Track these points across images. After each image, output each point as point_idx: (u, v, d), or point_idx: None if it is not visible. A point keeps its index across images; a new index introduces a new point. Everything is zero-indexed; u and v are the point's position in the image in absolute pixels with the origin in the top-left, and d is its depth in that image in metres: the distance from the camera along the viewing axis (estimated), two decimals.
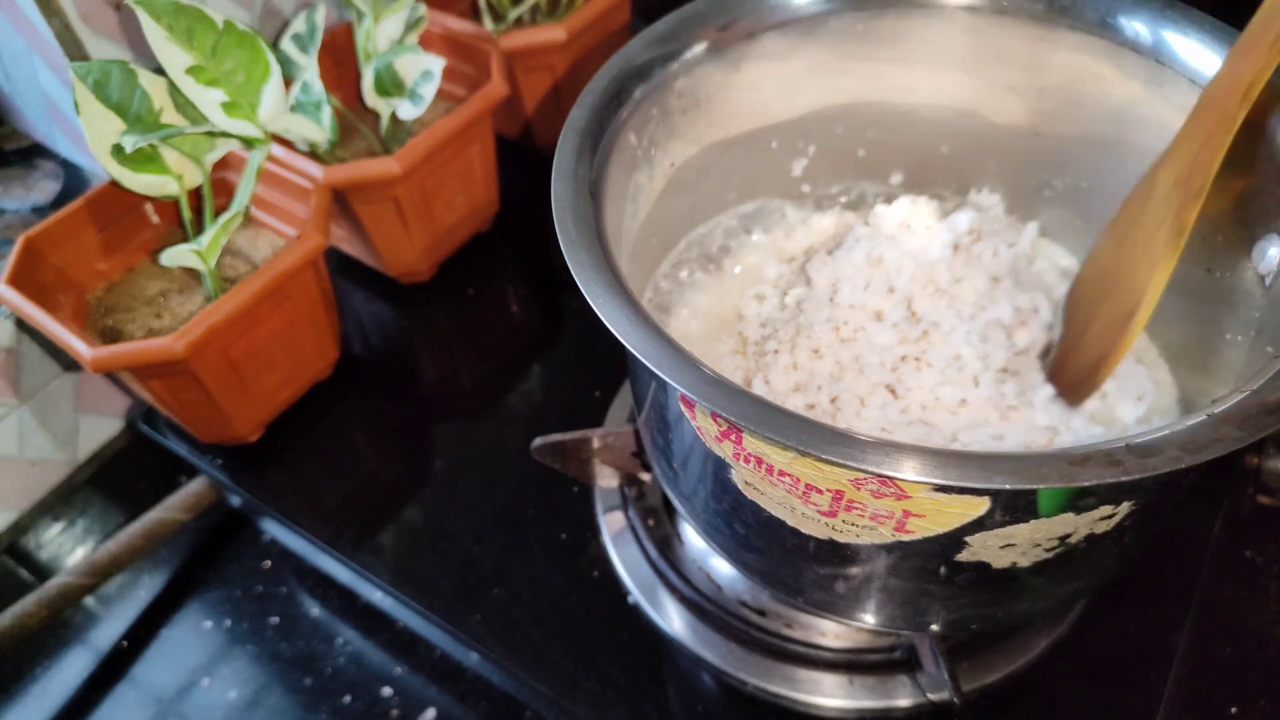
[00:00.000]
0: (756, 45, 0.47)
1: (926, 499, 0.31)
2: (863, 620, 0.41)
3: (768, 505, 0.36)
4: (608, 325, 0.33)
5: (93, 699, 0.53)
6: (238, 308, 0.51)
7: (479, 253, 0.69)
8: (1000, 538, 0.33)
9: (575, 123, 0.41)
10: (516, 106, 0.71)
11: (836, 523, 0.34)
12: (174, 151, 0.53)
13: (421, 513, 0.56)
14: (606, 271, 0.35)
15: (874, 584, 0.38)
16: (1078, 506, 0.32)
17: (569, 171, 0.39)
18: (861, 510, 0.33)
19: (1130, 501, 0.33)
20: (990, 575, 0.35)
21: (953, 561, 0.34)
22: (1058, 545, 0.34)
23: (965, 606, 0.38)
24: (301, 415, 0.60)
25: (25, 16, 0.54)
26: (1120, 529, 0.34)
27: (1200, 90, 0.40)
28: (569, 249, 0.36)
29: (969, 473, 0.29)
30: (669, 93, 0.45)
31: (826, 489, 0.33)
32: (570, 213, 0.37)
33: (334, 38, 0.65)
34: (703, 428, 0.36)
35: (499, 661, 0.49)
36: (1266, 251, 0.39)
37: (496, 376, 0.63)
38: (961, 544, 0.33)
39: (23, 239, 0.52)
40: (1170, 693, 0.46)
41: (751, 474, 0.35)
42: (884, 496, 0.32)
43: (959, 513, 0.32)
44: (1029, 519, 0.32)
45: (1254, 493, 0.52)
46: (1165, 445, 0.29)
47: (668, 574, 0.51)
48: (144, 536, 0.56)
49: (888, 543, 0.34)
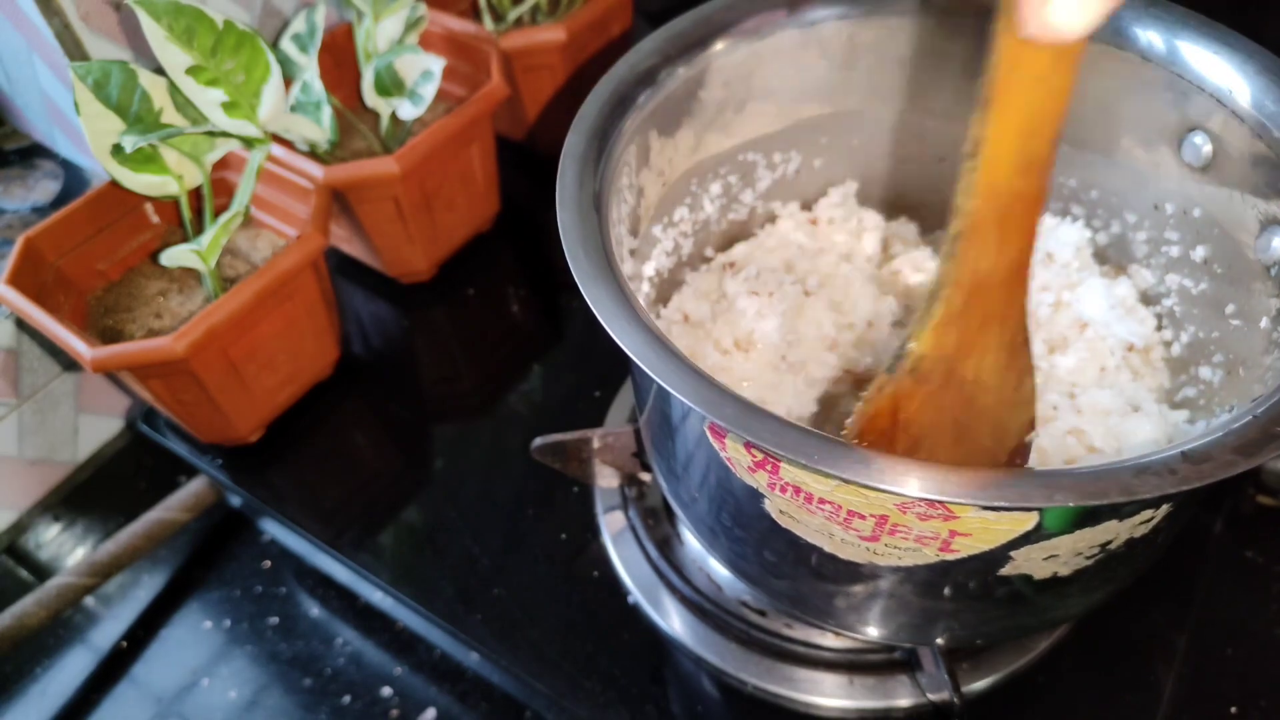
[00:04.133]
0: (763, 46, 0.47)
1: (975, 518, 0.31)
2: (884, 636, 0.40)
3: (803, 533, 0.35)
4: (638, 362, 0.32)
5: (93, 699, 0.53)
6: (238, 308, 0.51)
7: (479, 253, 0.69)
8: (1044, 550, 0.33)
9: (573, 149, 0.40)
10: (517, 107, 0.71)
11: (878, 547, 0.34)
12: (174, 151, 0.53)
13: (421, 513, 0.56)
14: (627, 304, 0.34)
15: (909, 604, 0.37)
16: (1121, 513, 0.32)
17: (573, 198, 0.38)
18: (906, 533, 0.32)
19: (1170, 505, 0.33)
20: (1031, 586, 0.35)
21: (995, 575, 0.34)
22: (1099, 552, 0.34)
23: (1000, 618, 0.38)
24: (301, 415, 0.60)
25: (25, 16, 0.54)
26: (1156, 530, 0.34)
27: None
28: (591, 294, 0.35)
29: (1030, 493, 0.28)
30: (674, 98, 0.45)
31: (870, 514, 0.32)
32: (581, 245, 0.36)
33: (334, 38, 0.65)
34: (734, 459, 0.35)
35: (499, 661, 0.49)
36: (1270, 243, 0.39)
37: (496, 376, 0.63)
38: (1006, 559, 0.33)
39: (23, 239, 0.52)
40: (1171, 692, 0.46)
41: (788, 503, 0.34)
42: (930, 519, 0.31)
43: (1007, 529, 0.31)
44: (1074, 529, 0.32)
45: (1255, 493, 0.52)
46: (1218, 451, 0.29)
47: (668, 574, 0.51)
48: (144, 536, 0.56)
49: (930, 563, 0.34)
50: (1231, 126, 0.40)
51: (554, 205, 0.38)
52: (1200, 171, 0.42)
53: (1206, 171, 0.42)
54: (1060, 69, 0.29)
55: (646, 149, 0.44)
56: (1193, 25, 0.42)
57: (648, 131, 0.44)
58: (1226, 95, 0.40)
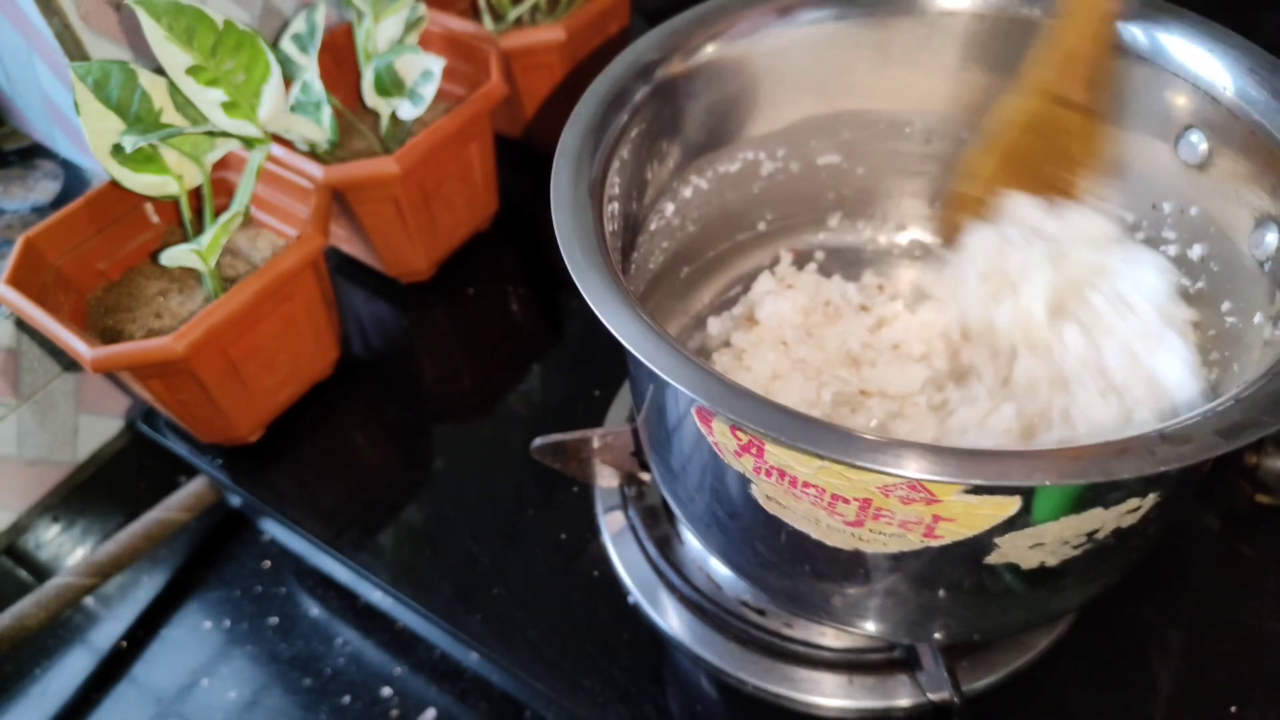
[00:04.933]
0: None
1: (957, 501, 0.31)
2: (881, 632, 0.41)
3: (790, 519, 0.35)
4: (627, 345, 0.33)
5: (93, 699, 0.53)
6: (238, 308, 0.51)
7: (479, 252, 0.70)
8: (1029, 537, 0.33)
9: (568, 147, 0.41)
10: (516, 106, 0.71)
11: (863, 532, 0.34)
12: (174, 151, 0.53)
13: (421, 513, 0.56)
14: (618, 290, 0.35)
15: (900, 594, 0.38)
16: (1106, 500, 0.32)
17: (568, 195, 0.39)
18: (890, 518, 0.33)
19: (1156, 493, 0.33)
20: (1020, 577, 0.35)
21: (982, 564, 0.34)
22: (1086, 542, 0.34)
23: (993, 612, 0.38)
24: (301, 415, 0.60)
25: (25, 16, 0.54)
26: (1145, 521, 0.34)
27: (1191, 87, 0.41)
28: (582, 281, 0.35)
29: (1009, 471, 0.28)
30: (667, 99, 0.45)
31: (853, 498, 0.32)
32: (578, 244, 0.37)
33: (334, 38, 0.65)
34: (721, 444, 0.35)
35: (499, 661, 0.49)
36: (1264, 239, 0.39)
37: (496, 376, 0.63)
38: (991, 545, 0.33)
39: (23, 239, 0.52)
40: (1169, 690, 0.46)
41: (774, 488, 0.34)
42: (913, 502, 0.31)
43: (990, 514, 0.31)
44: (1059, 517, 0.32)
45: (1252, 491, 0.52)
46: (1198, 432, 0.29)
47: (668, 574, 0.51)
48: (144, 536, 0.56)
49: (916, 549, 0.34)
50: (1227, 123, 0.40)
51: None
52: (1197, 169, 0.42)
53: (1203, 169, 0.42)
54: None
55: (641, 147, 0.44)
56: (1187, 23, 0.42)
57: (642, 129, 0.44)
58: (1221, 92, 0.40)
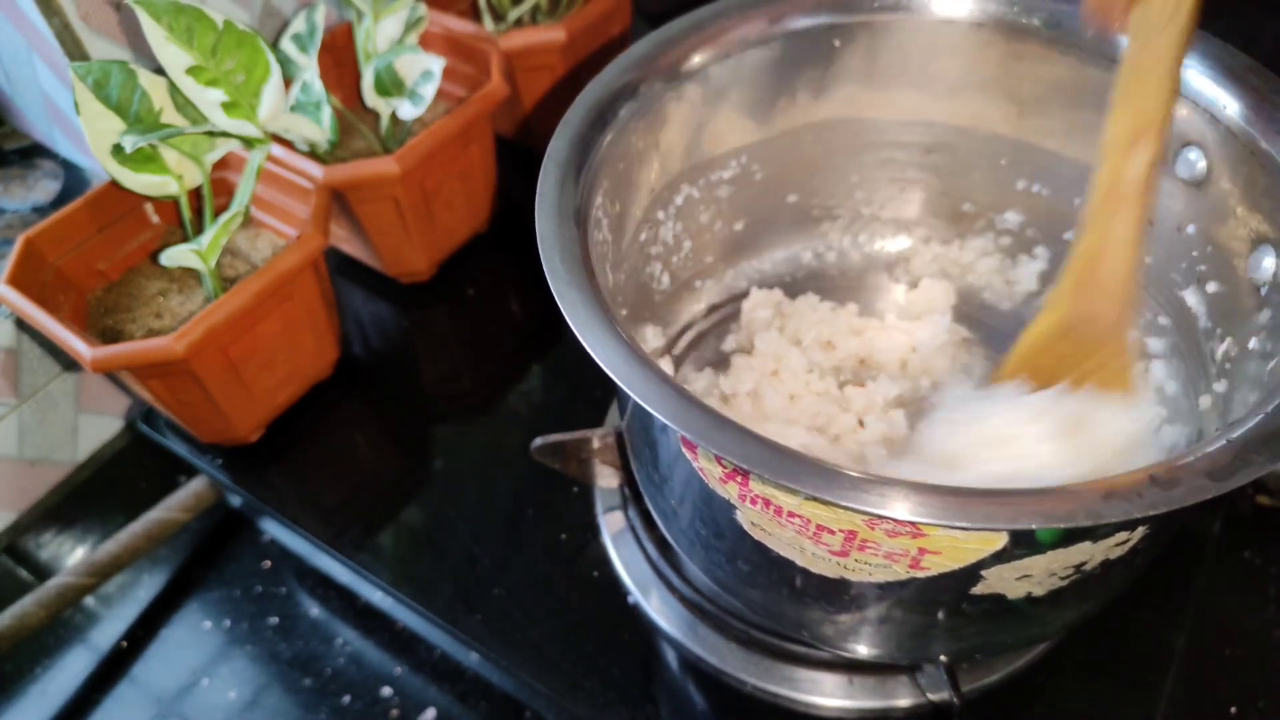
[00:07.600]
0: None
1: (943, 536, 0.31)
2: (874, 654, 0.40)
3: (775, 546, 0.35)
4: (608, 372, 0.32)
5: (93, 699, 0.53)
6: (238, 308, 0.51)
7: (479, 253, 0.69)
8: (1016, 570, 0.32)
9: (556, 154, 0.40)
10: (516, 106, 0.71)
11: (849, 562, 0.34)
12: (174, 151, 0.53)
13: (421, 513, 0.56)
14: (601, 313, 0.34)
15: (884, 620, 0.37)
16: (1094, 535, 0.32)
17: (553, 205, 0.38)
18: (875, 549, 0.32)
19: (1145, 527, 0.33)
20: (1004, 606, 0.35)
21: (967, 595, 0.34)
22: (1073, 573, 0.33)
23: (975, 636, 0.38)
24: (301, 415, 0.60)
25: (25, 16, 0.54)
26: (1134, 552, 0.34)
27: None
28: (564, 301, 0.35)
29: (995, 514, 0.28)
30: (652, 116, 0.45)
31: (839, 529, 0.32)
32: (559, 253, 0.37)
33: (334, 38, 0.65)
34: (705, 469, 0.35)
35: (499, 661, 0.49)
36: (1261, 262, 0.39)
37: (496, 376, 0.63)
38: (977, 578, 0.33)
39: (23, 239, 0.52)
40: (1170, 693, 0.46)
41: (759, 515, 0.34)
42: (899, 535, 0.31)
43: (975, 548, 0.31)
44: (1046, 550, 0.32)
45: (1253, 493, 0.52)
46: (1188, 474, 0.28)
47: (667, 574, 0.51)
48: (144, 536, 0.56)
49: (902, 579, 0.33)
50: (1225, 142, 0.40)
51: None
52: (1195, 187, 0.42)
53: (1201, 187, 0.42)
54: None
55: (632, 155, 0.44)
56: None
57: (633, 138, 0.44)
58: (1220, 110, 0.40)
